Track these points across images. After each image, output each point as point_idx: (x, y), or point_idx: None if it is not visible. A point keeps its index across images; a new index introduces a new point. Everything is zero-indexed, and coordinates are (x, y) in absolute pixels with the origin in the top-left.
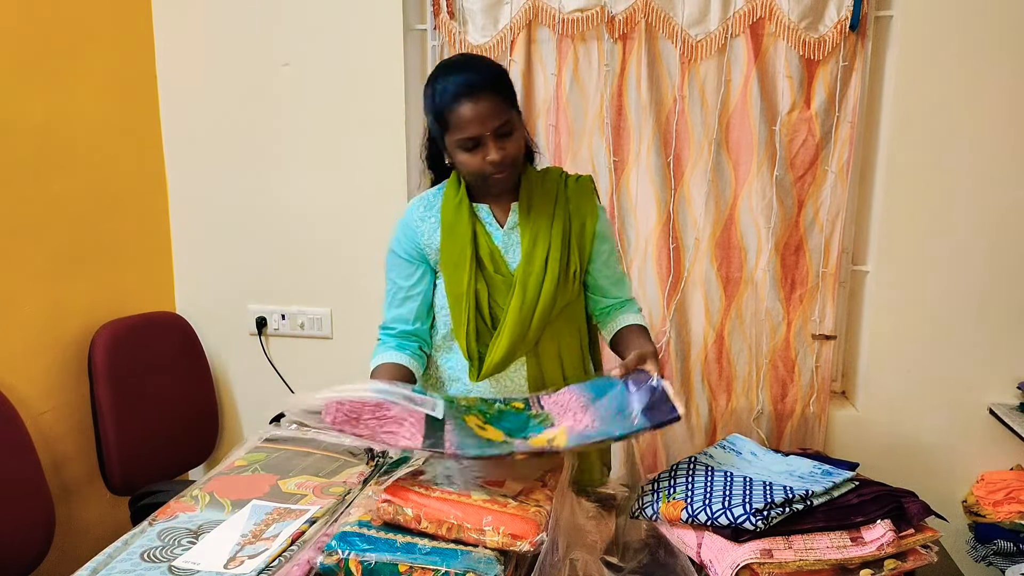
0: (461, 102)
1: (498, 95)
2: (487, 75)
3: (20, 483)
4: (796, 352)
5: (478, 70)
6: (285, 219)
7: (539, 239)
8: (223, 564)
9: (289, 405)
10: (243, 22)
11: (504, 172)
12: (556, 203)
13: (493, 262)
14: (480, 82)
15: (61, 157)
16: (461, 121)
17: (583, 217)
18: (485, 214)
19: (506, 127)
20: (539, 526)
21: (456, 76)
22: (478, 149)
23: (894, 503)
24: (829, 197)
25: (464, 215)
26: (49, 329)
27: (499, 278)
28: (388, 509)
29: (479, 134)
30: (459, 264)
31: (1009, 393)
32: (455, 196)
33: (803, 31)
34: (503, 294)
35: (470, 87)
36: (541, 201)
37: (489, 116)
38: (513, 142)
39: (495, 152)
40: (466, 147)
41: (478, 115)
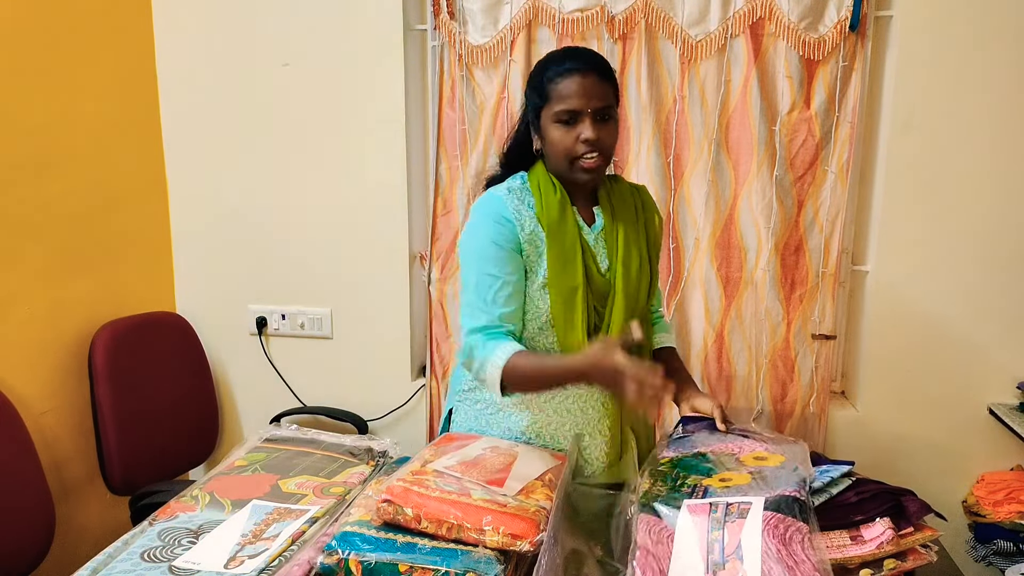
0: (571, 74)
1: (607, 81)
2: (600, 61)
3: (20, 483)
4: (796, 352)
5: (592, 55)
6: (285, 219)
7: (631, 244)
8: (223, 564)
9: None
10: (243, 22)
11: (593, 157)
12: (636, 211)
13: (595, 267)
14: (593, 63)
15: (61, 157)
16: (565, 92)
17: (656, 229)
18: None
19: (607, 112)
20: (539, 526)
21: (569, 55)
22: (574, 126)
23: (893, 501)
24: (829, 197)
25: (569, 212)
26: (49, 329)
27: (599, 278)
28: (388, 509)
29: (580, 108)
30: (570, 261)
31: (1009, 393)
32: (554, 192)
33: (803, 31)
34: (600, 298)
35: (582, 64)
36: (623, 207)
37: (594, 94)
38: (609, 131)
39: (591, 130)
40: (563, 120)
41: (583, 89)
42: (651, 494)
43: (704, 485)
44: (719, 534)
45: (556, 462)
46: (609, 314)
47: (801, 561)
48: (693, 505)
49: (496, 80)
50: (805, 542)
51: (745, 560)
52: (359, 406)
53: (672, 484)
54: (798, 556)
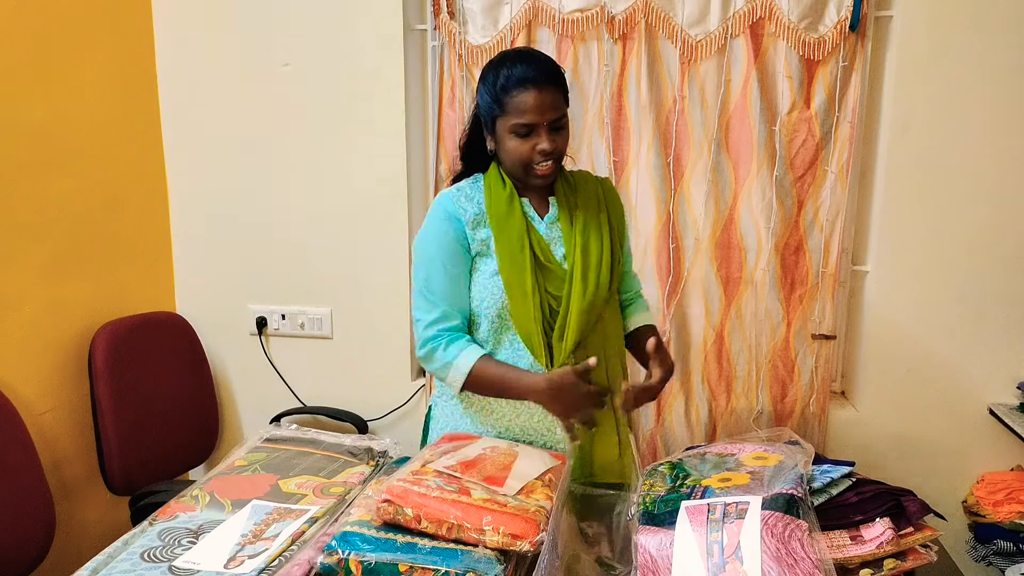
0: (527, 88)
1: (559, 90)
2: (553, 69)
3: (20, 483)
4: (796, 352)
5: (545, 63)
6: (285, 219)
7: (591, 232)
8: (223, 564)
9: None
10: (243, 22)
11: (550, 164)
12: (599, 200)
13: (545, 253)
14: (546, 74)
15: (61, 157)
16: (522, 107)
17: (620, 215)
18: (526, 207)
19: (560, 121)
20: (539, 526)
21: (524, 65)
22: (530, 137)
23: (893, 501)
24: (829, 197)
25: (516, 206)
26: (49, 329)
27: (552, 268)
28: (388, 509)
29: (536, 122)
30: (516, 256)
31: (1009, 393)
32: (503, 189)
33: (803, 31)
34: (556, 284)
35: (537, 76)
36: (583, 197)
37: (550, 107)
38: (563, 137)
39: (547, 142)
40: (519, 133)
41: (540, 104)
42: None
43: (704, 485)
44: (718, 535)
45: (556, 462)
46: (567, 300)
47: (801, 559)
48: (691, 507)
49: None
50: (804, 540)
51: (745, 561)
52: (359, 406)
53: (672, 484)
54: (797, 554)
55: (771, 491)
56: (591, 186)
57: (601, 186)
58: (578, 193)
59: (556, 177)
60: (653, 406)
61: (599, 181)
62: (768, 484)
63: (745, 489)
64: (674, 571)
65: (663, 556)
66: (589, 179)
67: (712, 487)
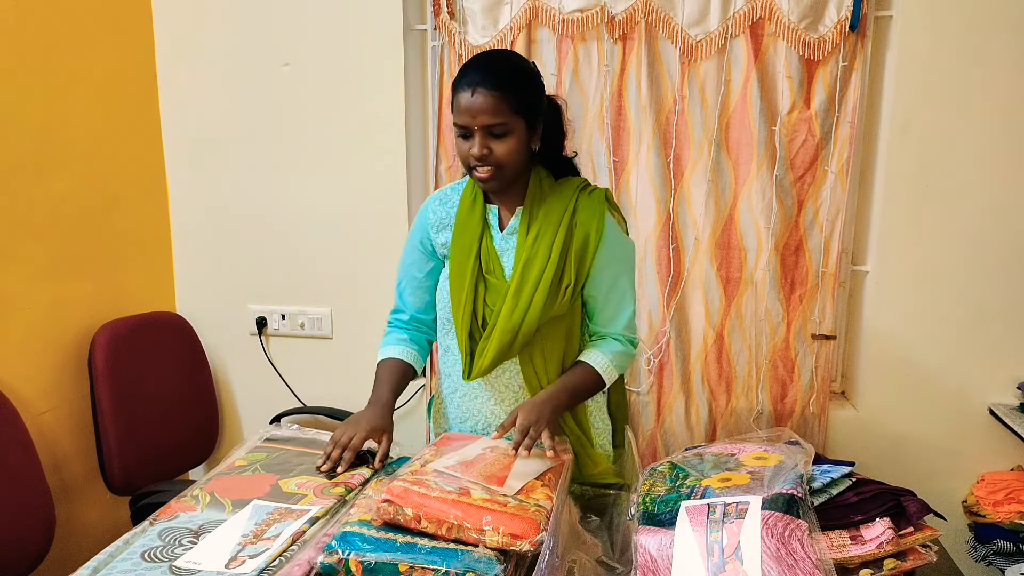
0: (465, 90)
1: (500, 95)
2: (498, 74)
3: (20, 483)
4: (796, 352)
5: (494, 67)
6: (285, 219)
7: (540, 248)
8: (224, 564)
9: None
10: (243, 22)
11: (485, 171)
12: (564, 214)
13: (490, 264)
14: (485, 79)
15: (61, 157)
16: (459, 107)
17: (586, 232)
18: (492, 215)
19: (499, 128)
20: (539, 526)
21: (474, 67)
22: (468, 139)
23: (893, 501)
24: (829, 197)
25: (477, 213)
26: (49, 329)
27: (493, 281)
28: (388, 509)
29: (467, 125)
30: (463, 262)
31: (1009, 393)
32: (471, 193)
33: (803, 31)
34: (495, 298)
35: (474, 79)
36: (549, 210)
37: (481, 112)
38: (503, 145)
39: (477, 147)
40: (460, 133)
41: (470, 107)
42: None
43: (704, 485)
44: (718, 535)
45: (555, 463)
46: (496, 316)
47: (801, 558)
48: (691, 507)
49: None
50: (804, 540)
51: (745, 561)
52: (359, 406)
53: (672, 484)
54: (797, 554)
55: (771, 491)
56: (563, 199)
57: (575, 200)
58: (545, 204)
59: (503, 185)
60: (653, 406)
61: (577, 192)
62: (768, 484)
63: (745, 489)
64: (674, 571)
65: (663, 556)
66: (566, 190)
67: (712, 487)
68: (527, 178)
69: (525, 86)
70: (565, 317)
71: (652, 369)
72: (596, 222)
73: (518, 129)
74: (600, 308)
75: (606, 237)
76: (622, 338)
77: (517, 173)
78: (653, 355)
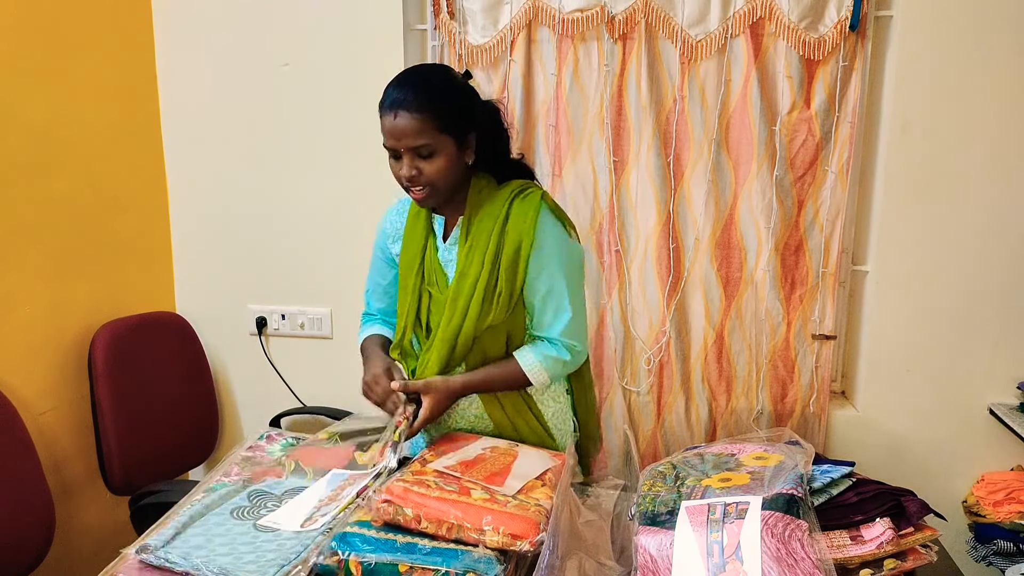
0: (385, 112)
1: (422, 116)
2: (418, 95)
3: (20, 483)
4: (796, 352)
5: (413, 88)
6: (285, 219)
7: (474, 258)
8: (300, 524)
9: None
10: (243, 22)
11: (419, 191)
12: (495, 221)
13: (432, 276)
14: (404, 101)
15: (61, 157)
16: (383, 129)
17: (518, 238)
18: (438, 226)
19: (424, 149)
20: (539, 526)
21: (391, 88)
22: (399, 160)
23: (893, 501)
24: (829, 197)
25: (421, 224)
26: (49, 329)
27: (435, 293)
28: (388, 509)
29: (394, 147)
30: (406, 275)
31: (1009, 393)
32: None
33: (803, 31)
34: (437, 308)
35: (393, 102)
36: (483, 218)
37: (404, 134)
38: (432, 165)
39: (406, 168)
40: (391, 155)
41: (393, 130)
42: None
43: (704, 485)
44: (718, 535)
45: (555, 462)
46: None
47: (801, 559)
48: (691, 507)
49: (496, 80)
50: (804, 540)
51: (745, 561)
52: (359, 406)
53: (672, 484)
54: (797, 554)
55: (771, 491)
56: (496, 206)
57: (508, 206)
58: (480, 213)
59: (440, 202)
60: (653, 406)
61: (511, 198)
62: (768, 484)
63: (745, 489)
64: (674, 571)
65: (663, 556)
66: (499, 198)
67: (712, 487)
68: (467, 187)
69: (448, 104)
70: (504, 325)
71: (652, 369)
72: (528, 227)
73: (446, 147)
74: (538, 313)
75: (539, 242)
76: (559, 343)
77: (453, 189)
78: (653, 355)
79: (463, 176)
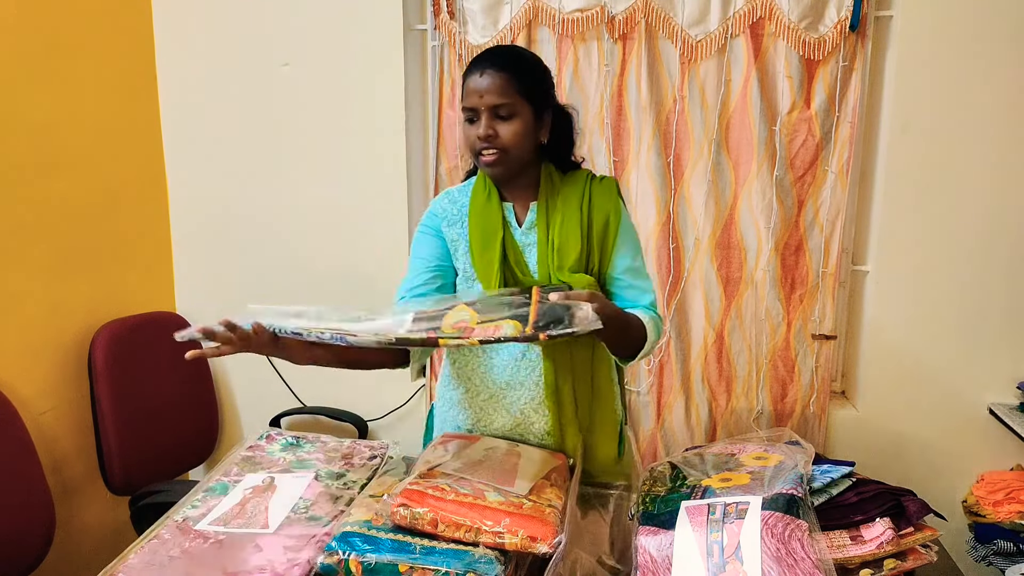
0: (471, 72)
1: (507, 75)
2: (507, 58)
3: (20, 483)
4: (796, 352)
5: (504, 52)
6: (285, 219)
7: (568, 234)
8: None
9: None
10: (243, 22)
11: (491, 154)
12: (581, 200)
13: (516, 259)
14: (495, 61)
15: (61, 157)
16: (466, 90)
17: (606, 214)
18: (508, 212)
19: (504, 110)
20: (555, 528)
21: (485, 52)
22: (474, 123)
23: (893, 501)
24: (829, 197)
25: (494, 206)
26: (49, 329)
27: (519, 275)
28: (404, 513)
29: (474, 105)
30: (487, 253)
31: (1009, 393)
32: (483, 190)
33: (803, 31)
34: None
35: (483, 61)
36: (564, 201)
37: (488, 91)
38: (509, 128)
39: (483, 128)
40: (467, 118)
41: (478, 88)
42: (651, 494)
43: (704, 485)
44: (718, 535)
45: (557, 462)
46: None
47: (801, 559)
48: (691, 507)
49: None
50: (804, 540)
51: (745, 561)
52: (359, 406)
53: (672, 484)
54: (797, 554)
55: (771, 491)
56: (577, 186)
57: (588, 186)
58: (559, 195)
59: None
60: (653, 406)
61: (588, 180)
62: (768, 484)
63: (745, 489)
64: (674, 571)
65: (663, 556)
66: (575, 179)
67: (712, 487)
68: (537, 173)
69: (533, 72)
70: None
71: (652, 369)
72: (612, 205)
73: (524, 113)
74: (625, 288)
75: (623, 220)
76: (652, 313)
77: (522, 161)
78: (653, 355)
79: (533, 155)
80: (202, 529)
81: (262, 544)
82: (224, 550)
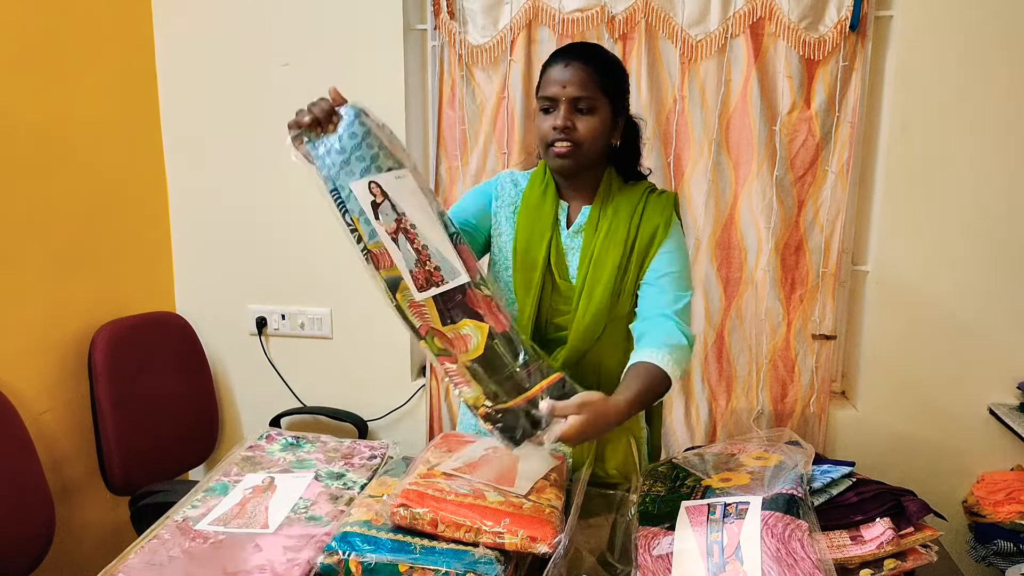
0: (554, 63)
1: (593, 72)
2: (591, 53)
3: (20, 483)
4: (796, 352)
5: (588, 48)
6: (285, 219)
7: (611, 246)
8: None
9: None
10: (243, 22)
11: (564, 146)
12: (634, 212)
13: (558, 261)
14: (581, 54)
15: (61, 157)
16: (547, 79)
17: (654, 227)
18: (561, 211)
19: (584, 103)
20: (555, 528)
21: (569, 45)
22: (552, 113)
23: (893, 501)
24: (829, 197)
25: (549, 203)
26: (49, 329)
27: (559, 282)
28: (404, 514)
29: (555, 95)
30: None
31: (1009, 393)
32: (541, 183)
33: (803, 31)
34: (559, 299)
35: (568, 53)
36: (616, 211)
37: (571, 83)
38: (586, 123)
39: (561, 118)
40: (544, 107)
41: (561, 78)
42: (651, 494)
43: (704, 485)
44: (718, 535)
45: (556, 462)
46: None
47: (801, 559)
48: (691, 507)
49: (496, 80)
50: (804, 540)
51: (745, 561)
52: (359, 406)
53: (672, 484)
54: (797, 554)
55: (771, 491)
56: (634, 197)
57: (645, 199)
58: (613, 203)
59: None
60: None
61: (646, 193)
62: (768, 484)
63: (745, 489)
64: (674, 571)
65: (663, 556)
66: (636, 190)
67: (712, 487)
68: (599, 176)
69: (615, 71)
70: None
71: None
72: (665, 218)
73: (602, 110)
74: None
75: (671, 232)
76: (675, 323)
77: (592, 160)
78: None
79: (601, 157)
80: (202, 529)
81: (262, 544)
82: (224, 550)
